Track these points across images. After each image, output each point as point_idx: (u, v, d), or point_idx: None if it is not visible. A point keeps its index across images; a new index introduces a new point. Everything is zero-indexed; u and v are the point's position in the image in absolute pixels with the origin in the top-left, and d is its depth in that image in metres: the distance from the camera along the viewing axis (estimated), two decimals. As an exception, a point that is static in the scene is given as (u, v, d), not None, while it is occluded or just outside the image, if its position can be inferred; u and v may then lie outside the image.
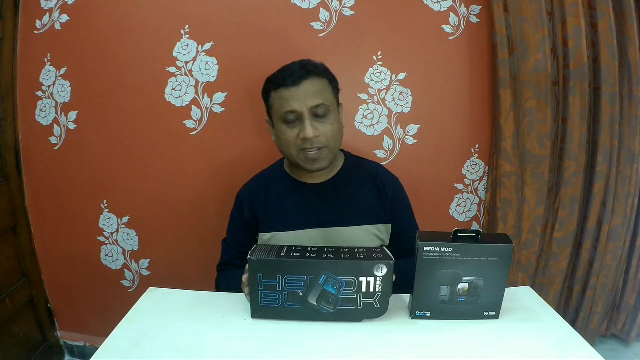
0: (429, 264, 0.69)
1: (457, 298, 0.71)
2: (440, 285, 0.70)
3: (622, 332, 1.55)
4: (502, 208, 1.36)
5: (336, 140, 0.91)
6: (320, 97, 0.87)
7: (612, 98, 1.27)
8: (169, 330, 0.69)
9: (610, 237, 1.39)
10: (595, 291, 1.44)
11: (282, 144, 0.92)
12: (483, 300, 0.71)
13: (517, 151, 1.33)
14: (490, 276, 0.70)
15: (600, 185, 1.34)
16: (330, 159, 0.92)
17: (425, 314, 0.73)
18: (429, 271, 0.70)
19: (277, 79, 0.89)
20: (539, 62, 1.25)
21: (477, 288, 0.70)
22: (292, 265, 0.68)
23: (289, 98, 0.87)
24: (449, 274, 0.70)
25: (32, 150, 1.41)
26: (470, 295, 0.71)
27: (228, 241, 1.04)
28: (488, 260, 0.69)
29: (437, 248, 0.68)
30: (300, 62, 0.90)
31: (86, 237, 1.46)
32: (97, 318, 1.55)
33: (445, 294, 0.71)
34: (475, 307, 0.72)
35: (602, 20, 1.22)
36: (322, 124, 0.88)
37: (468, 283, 0.70)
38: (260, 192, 0.99)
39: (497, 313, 0.73)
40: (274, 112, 0.91)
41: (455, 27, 1.29)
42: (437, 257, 0.69)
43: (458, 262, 0.69)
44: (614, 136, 1.30)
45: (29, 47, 1.35)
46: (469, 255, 0.69)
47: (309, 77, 0.87)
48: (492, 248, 0.69)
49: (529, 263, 1.41)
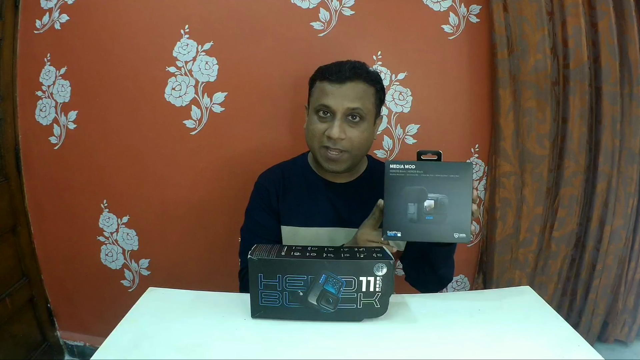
0: (395, 180, 0.74)
1: (425, 216, 0.74)
2: (407, 202, 0.74)
3: (621, 334, 1.54)
4: (502, 208, 1.36)
5: (361, 149, 0.91)
6: (358, 102, 0.87)
7: (613, 98, 1.27)
8: (169, 330, 0.68)
9: (612, 239, 1.38)
10: (597, 294, 1.44)
11: (308, 133, 0.92)
12: (450, 219, 0.74)
13: (517, 151, 1.33)
14: (454, 194, 0.73)
15: (602, 186, 1.34)
16: (350, 164, 0.92)
17: (396, 234, 0.75)
18: (396, 188, 0.74)
19: (326, 71, 0.89)
20: (539, 62, 1.25)
21: (443, 206, 0.73)
22: (292, 265, 0.68)
23: (329, 93, 0.87)
24: (414, 191, 0.74)
25: (32, 150, 1.41)
26: (437, 213, 0.74)
27: (252, 229, 0.97)
28: (450, 177, 0.73)
29: (402, 166, 0.74)
30: (355, 63, 0.90)
31: (86, 237, 1.46)
32: (97, 318, 1.55)
33: (413, 212, 0.74)
34: (444, 227, 0.74)
35: (602, 20, 1.22)
36: (352, 128, 0.88)
37: (434, 200, 0.73)
38: (278, 181, 0.99)
39: (467, 236, 0.74)
40: (312, 101, 0.92)
41: (455, 27, 1.29)
42: (402, 175, 0.74)
43: (422, 179, 0.74)
44: (616, 136, 1.30)
45: (29, 47, 1.35)
46: (432, 172, 0.73)
47: (355, 80, 0.87)
48: (451, 165, 0.74)
49: (527, 262, 1.41)
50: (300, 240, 0.95)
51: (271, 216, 0.97)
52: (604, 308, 1.47)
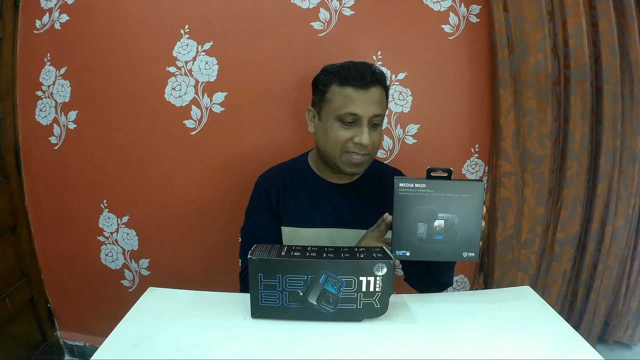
0: (405, 200, 0.72)
1: (435, 236, 0.73)
2: (417, 222, 0.72)
3: (624, 337, 1.52)
4: (502, 208, 1.35)
5: (378, 150, 0.93)
6: (381, 108, 0.88)
7: (614, 98, 1.26)
8: (169, 330, 0.68)
9: (614, 239, 1.38)
10: (599, 294, 1.43)
11: (327, 140, 0.89)
12: (460, 239, 0.73)
13: (518, 151, 1.33)
14: (465, 214, 0.72)
15: (603, 187, 1.34)
16: (367, 166, 0.93)
17: (405, 254, 0.74)
18: (406, 208, 0.72)
19: (345, 75, 0.86)
20: (540, 62, 1.25)
21: (453, 225, 0.72)
22: (292, 264, 0.68)
23: (355, 100, 0.85)
24: (424, 210, 0.72)
25: (32, 150, 1.41)
26: (447, 233, 0.72)
27: (252, 229, 0.97)
28: (461, 197, 0.72)
29: (412, 184, 0.71)
30: (371, 66, 0.89)
31: (86, 237, 1.46)
32: (97, 318, 1.55)
33: (422, 232, 0.73)
34: (453, 246, 0.73)
35: (602, 20, 1.22)
36: (374, 132, 0.89)
37: (444, 220, 0.72)
38: (278, 182, 0.98)
39: (476, 255, 0.74)
40: (331, 108, 0.88)
41: (455, 27, 1.29)
42: (412, 194, 0.72)
43: (432, 199, 0.72)
44: (617, 137, 1.29)
45: (29, 47, 1.35)
46: (442, 192, 0.71)
47: (377, 85, 0.87)
48: (463, 184, 0.72)
49: (529, 263, 1.41)
50: (300, 241, 0.95)
51: (271, 217, 0.97)
52: (605, 309, 1.46)
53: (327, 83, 0.89)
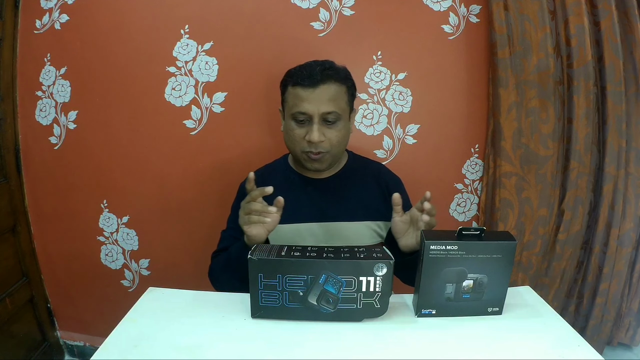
0: (435, 262, 0.70)
1: (462, 295, 0.72)
2: (446, 283, 0.71)
3: (625, 337, 1.50)
4: (502, 209, 1.34)
5: (340, 147, 0.93)
6: (333, 105, 0.88)
7: (618, 98, 1.24)
8: (169, 330, 0.68)
9: (622, 242, 1.34)
10: (607, 298, 1.39)
11: (289, 139, 0.94)
12: (487, 296, 0.72)
13: (519, 152, 1.32)
14: (494, 273, 0.71)
15: (608, 188, 1.31)
16: (331, 162, 0.94)
17: (431, 312, 0.73)
18: (435, 270, 0.70)
19: (297, 76, 0.89)
20: (542, 62, 1.24)
21: (481, 285, 0.71)
22: (292, 265, 0.67)
23: (304, 99, 0.88)
24: (454, 272, 0.70)
25: (32, 150, 1.41)
26: (475, 292, 0.72)
27: (228, 231, 1.02)
28: (492, 257, 0.70)
29: (443, 247, 0.69)
30: (323, 64, 0.90)
31: (86, 237, 1.46)
32: (97, 318, 1.55)
33: (450, 292, 0.72)
34: (479, 303, 0.73)
35: (605, 18, 1.20)
36: (329, 130, 0.90)
37: (473, 280, 0.71)
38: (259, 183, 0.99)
39: (500, 309, 0.73)
40: (287, 107, 0.92)
41: (455, 27, 1.29)
42: (443, 256, 0.69)
43: (463, 260, 0.70)
44: (622, 137, 1.27)
45: (29, 47, 1.35)
46: (474, 253, 0.70)
47: (327, 82, 0.88)
48: (496, 245, 0.70)
49: (530, 264, 1.39)
50: (282, 237, 0.95)
51: None
52: (614, 314, 1.42)
53: (285, 84, 0.94)
